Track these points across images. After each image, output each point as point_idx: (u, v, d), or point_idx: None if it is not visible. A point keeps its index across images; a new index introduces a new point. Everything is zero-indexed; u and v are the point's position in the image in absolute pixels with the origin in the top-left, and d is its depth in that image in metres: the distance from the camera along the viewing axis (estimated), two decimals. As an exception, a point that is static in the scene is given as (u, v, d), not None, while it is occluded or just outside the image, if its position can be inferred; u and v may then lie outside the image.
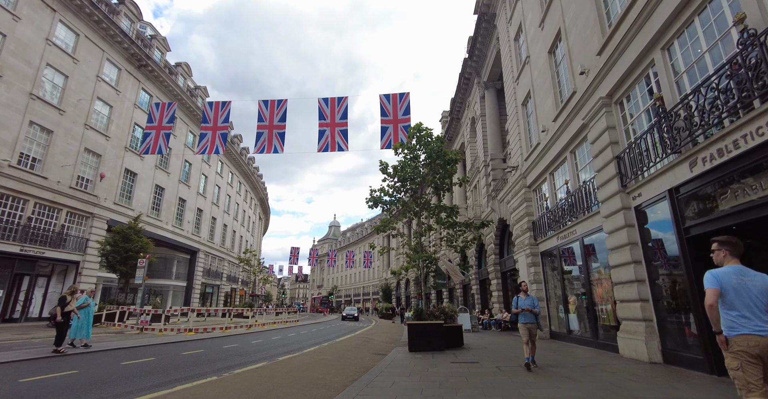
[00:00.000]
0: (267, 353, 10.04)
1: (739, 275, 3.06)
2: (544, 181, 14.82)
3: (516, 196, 17.01)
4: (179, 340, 12.17)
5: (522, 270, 16.37)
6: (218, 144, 19.86)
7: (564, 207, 12.47)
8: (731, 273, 3.08)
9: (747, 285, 3.01)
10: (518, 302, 7.74)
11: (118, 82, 24.66)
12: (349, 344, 12.60)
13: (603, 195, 9.43)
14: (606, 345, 10.15)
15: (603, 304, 10.79)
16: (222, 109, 20.19)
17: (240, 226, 47.77)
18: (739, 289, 3.01)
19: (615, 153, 8.95)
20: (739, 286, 3.02)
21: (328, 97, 18.99)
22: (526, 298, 7.74)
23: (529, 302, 7.61)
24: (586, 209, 11.18)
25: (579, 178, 11.95)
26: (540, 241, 15.04)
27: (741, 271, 3.09)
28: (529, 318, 7.51)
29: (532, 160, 15.26)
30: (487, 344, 12.35)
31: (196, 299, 34.66)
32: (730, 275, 3.07)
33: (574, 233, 11.87)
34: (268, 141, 19.25)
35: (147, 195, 27.44)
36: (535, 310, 7.54)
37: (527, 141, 16.31)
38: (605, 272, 10.62)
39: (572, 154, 12.23)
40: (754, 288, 3.00)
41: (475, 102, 26.50)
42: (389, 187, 12.44)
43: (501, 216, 20.12)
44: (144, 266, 17.80)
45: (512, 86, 17.89)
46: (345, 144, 18.67)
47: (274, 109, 19.51)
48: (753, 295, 2.98)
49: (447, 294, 37.25)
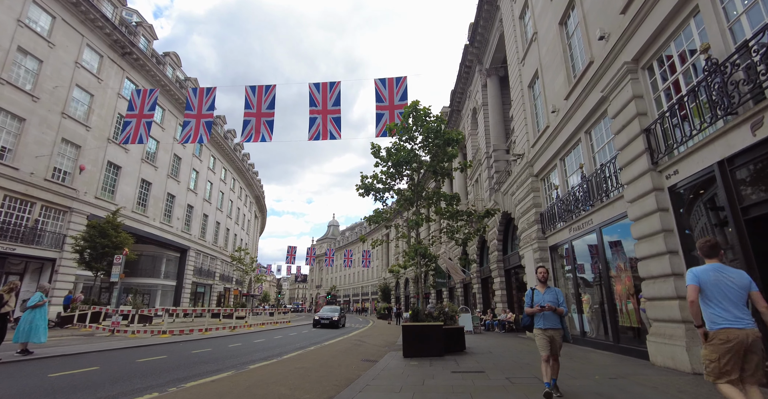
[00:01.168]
0: (240, 359, 8.73)
1: (717, 272, 3.25)
2: (553, 168, 13.51)
3: (522, 187, 15.69)
4: (146, 344, 10.86)
5: (528, 266, 15.05)
6: (202, 132, 18.62)
7: (578, 195, 11.16)
8: (710, 270, 3.28)
9: (725, 281, 3.20)
10: (534, 297, 5.15)
11: (99, 70, 23.35)
12: (338, 348, 11.29)
13: (627, 176, 8.11)
14: (628, 350, 8.83)
15: (624, 302, 9.49)
16: (207, 96, 18.94)
17: (234, 224, 46.45)
18: (718, 285, 3.20)
19: (643, 125, 7.64)
20: (719, 283, 3.20)
21: (319, 83, 17.70)
22: (546, 291, 5.13)
23: (551, 297, 5.03)
24: (604, 195, 9.87)
25: (595, 161, 10.63)
26: (549, 234, 13.73)
27: (720, 268, 3.28)
28: (552, 321, 4.95)
29: (539, 147, 13.95)
30: (491, 348, 11.05)
31: (186, 299, 33.35)
32: (709, 272, 3.26)
33: (590, 223, 10.56)
34: (255, 129, 18.01)
35: (132, 189, 26.12)
36: (560, 308, 4.98)
37: (534, 126, 15.00)
38: (626, 266, 9.33)
39: (587, 134, 10.91)
40: (732, 284, 3.18)
41: (477, 91, 25.19)
42: (383, 173, 11.13)
43: (505, 209, 18.80)
44: (120, 263, 16.50)
45: (517, 69, 16.58)
46: (338, 132, 17.41)
47: (262, 95, 18.26)
48: (732, 291, 3.17)
49: (447, 293, 35.91)
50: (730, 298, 3.17)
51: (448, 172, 11.09)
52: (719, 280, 3.22)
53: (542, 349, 4.91)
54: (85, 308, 16.47)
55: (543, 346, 4.90)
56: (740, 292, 3.18)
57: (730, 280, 3.21)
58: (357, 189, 10.95)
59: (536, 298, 5.14)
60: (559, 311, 4.99)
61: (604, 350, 9.86)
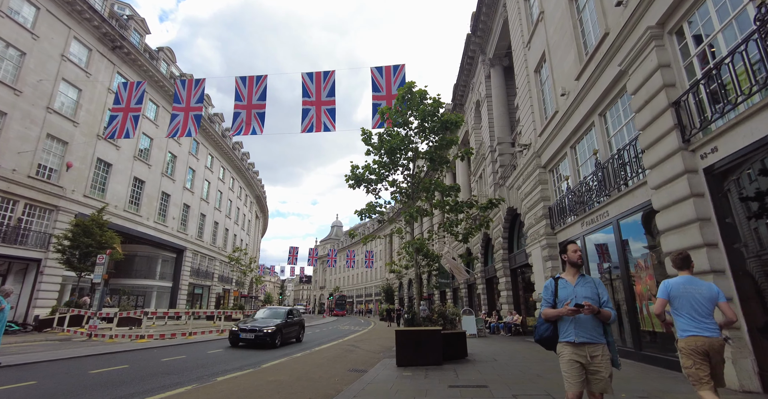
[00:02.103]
0: (210, 370, 7.74)
1: (688, 285, 3.47)
2: (563, 158, 12.42)
3: (529, 180, 14.61)
4: (112, 352, 9.91)
5: (536, 265, 13.96)
6: (191, 126, 17.78)
7: (591, 184, 10.06)
8: (681, 283, 3.50)
9: (694, 294, 3.41)
10: (559, 291, 3.23)
11: (88, 64, 22.55)
12: (327, 355, 10.27)
13: (652, 159, 7.02)
14: (653, 359, 7.74)
15: (645, 304, 8.40)
16: (195, 88, 18.08)
17: (234, 224, 45.62)
18: (687, 297, 3.41)
19: (671, 98, 6.55)
20: (687, 295, 3.41)
21: (312, 72, 16.79)
22: (579, 281, 3.20)
23: (588, 292, 3.10)
24: (622, 184, 8.78)
25: (611, 146, 9.54)
26: (558, 229, 12.64)
27: (690, 280, 3.52)
28: (591, 331, 3.01)
29: (547, 135, 12.87)
30: (496, 354, 9.97)
31: (182, 301, 32.50)
32: (680, 285, 3.48)
33: (606, 216, 9.46)
34: (246, 121, 17.15)
35: (124, 188, 25.30)
36: (605, 310, 3.01)
37: (541, 113, 13.91)
38: (647, 264, 8.24)
39: (601, 117, 9.82)
40: (700, 296, 3.39)
41: (480, 82, 24.11)
42: (375, 163, 10.10)
43: (510, 205, 17.71)
44: (104, 263, 15.60)
45: (522, 53, 15.50)
46: (332, 123, 16.49)
47: (253, 86, 17.37)
48: (699, 302, 3.37)
49: (451, 294, 34.79)
50: (698, 309, 3.35)
51: (447, 160, 10.05)
52: (688, 292, 3.41)
53: (570, 380, 2.95)
54: (65, 311, 15.58)
55: (572, 376, 2.95)
56: (708, 303, 3.36)
57: (699, 292, 3.40)
58: (346, 180, 9.94)
59: (563, 291, 3.18)
60: (604, 315, 2.99)
61: (623, 357, 8.75)
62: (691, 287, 3.43)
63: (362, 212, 10.17)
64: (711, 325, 3.31)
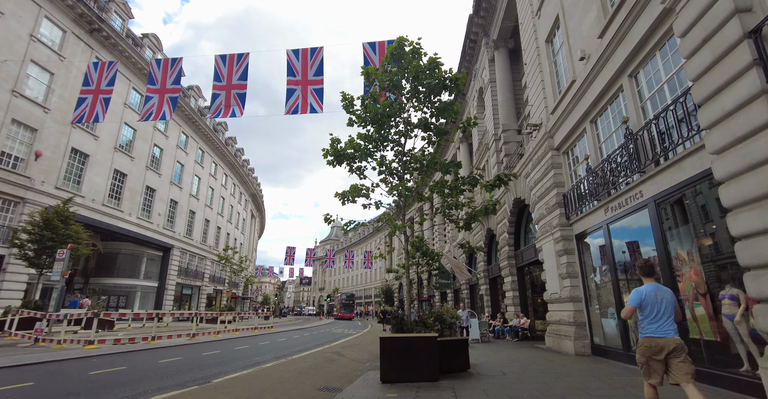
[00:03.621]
0: (143, 387, 6.09)
1: (657, 291, 3.89)
2: (580, 135, 10.73)
3: (539, 165, 12.91)
4: (45, 361, 8.25)
5: (548, 261, 12.26)
6: (166, 109, 16.27)
7: (619, 161, 8.36)
8: (652, 290, 3.90)
9: (660, 299, 3.82)
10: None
11: (62, 47, 21.00)
12: (300, 366, 8.59)
13: (714, 113, 5.33)
14: (714, 377, 6.02)
15: (691, 305, 6.72)
16: (171, 68, 16.55)
17: (227, 222, 44.01)
18: (655, 303, 3.82)
19: (747, 26, 4.86)
20: (656, 300, 3.82)
21: (299, 49, 15.26)
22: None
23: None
24: (661, 156, 7.09)
25: (644, 112, 7.85)
26: (574, 219, 10.94)
27: (658, 287, 3.94)
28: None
29: (561, 111, 11.19)
30: (504, 365, 8.27)
31: (169, 301, 30.87)
32: (653, 292, 3.89)
33: (639, 197, 7.76)
34: (225, 103, 15.60)
35: (103, 180, 23.70)
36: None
37: (554, 88, 12.23)
38: (693, 255, 6.56)
39: (632, 78, 8.13)
40: (665, 301, 3.81)
41: (483, 68, 22.45)
42: (360, 137, 8.43)
43: (517, 196, 16.01)
44: (64, 259, 13.98)
45: (531, 25, 13.83)
46: (319, 105, 14.91)
47: (233, 65, 15.83)
48: (663, 307, 3.81)
49: (452, 296, 33.05)
50: (661, 313, 3.79)
51: (446, 131, 8.37)
52: (657, 298, 3.84)
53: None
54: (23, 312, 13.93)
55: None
56: (672, 307, 3.85)
57: (664, 298, 3.83)
58: (324, 156, 8.28)
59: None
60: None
61: (664, 373, 7.04)
62: (661, 294, 3.84)
63: (344, 196, 8.49)
64: (670, 327, 3.72)
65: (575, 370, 7.63)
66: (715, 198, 5.59)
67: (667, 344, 3.66)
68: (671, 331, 3.73)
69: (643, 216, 7.76)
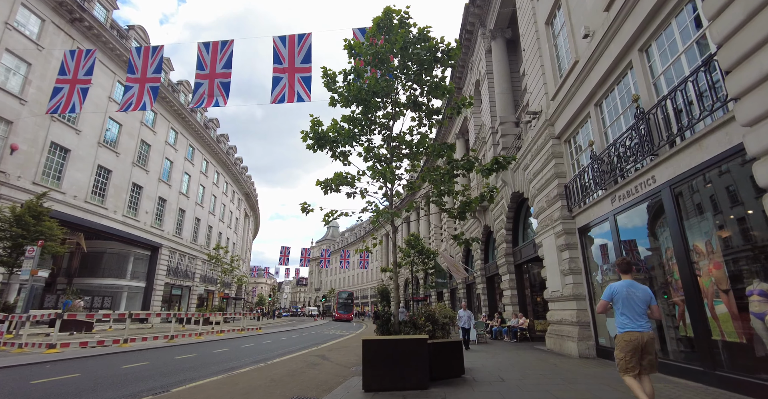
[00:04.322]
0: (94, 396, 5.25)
1: (628, 288, 4.07)
2: (583, 121, 9.99)
3: (539, 155, 12.17)
4: None
5: (549, 257, 11.51)
6: (146, 99, 15.49)
7: (628, 144, 7.60)
8: (623, 286, 4.10)
9: (632, 296, 4.02)
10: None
11: (40, 36, 20.09)
12: (277, 372, 7.78)
13: (747, 78, 4.57)
14: (737, 384, 5.27)
15: (710, 302, 5.98)
16: (152, 57, 15.75)
17: (218, 221, 43.06)
18: (627, 299, 4.02)
19: (788, -29, 4.11)
20: (628, 296, 4.02)
21: (285, 35, 14.49)
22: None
23: None
24: (678, 135, 6.34)
25: (657, 89, 7.10)
26: (577, 212, 10.19)
27: (630, 284, 4.11)
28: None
29: (563, 96, 10.44)
30: (503, 370, 7.50)
31: (157, 302, 29.94)
32: (623, 288, 4.08)
33: (651, 183, 7.01)
34: (208, 92, 14.82)
35: (85, 176, 22.76)
36: None
37: (554, 72, 11.49)
38: (713, 246, 5.83)
39: (643, 53, 7.39)
40: (637, 298, 4.01)
41: (480, 59, 21.73)
42: (345, 120, 7.63)
43: (515, 190, 15.26)
44: (34, 257, 13.13)
45: (530, 8, 13.09)
46: (307, 93, 14.18)
47: (217, 53, 15.06)
48: (635, 303, 4.00)
49: (449, 295, 32.30)
50: (634, 309, 3.99)
51: (438, 110, 7.58)
52: (630, 295, 4.02)
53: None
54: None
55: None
56: (642, 304, 4.00)
57: (636, 295, 4.02)
58: (303, 139, 7.46)
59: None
60: None
61: (681, 378, 6.29)
62: (632, 290, 4.05)
63: (327, 184, 7.68)
64: (644, 322, 3.96)
65: (581, 376, 6.87)
66: (749, 177, 4.84)
67: (642, 338, 3.89)
68: (646, 327, 3.95)
69: (656, 204, 7.01)
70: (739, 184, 5.36)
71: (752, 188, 4.91)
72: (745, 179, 5.16)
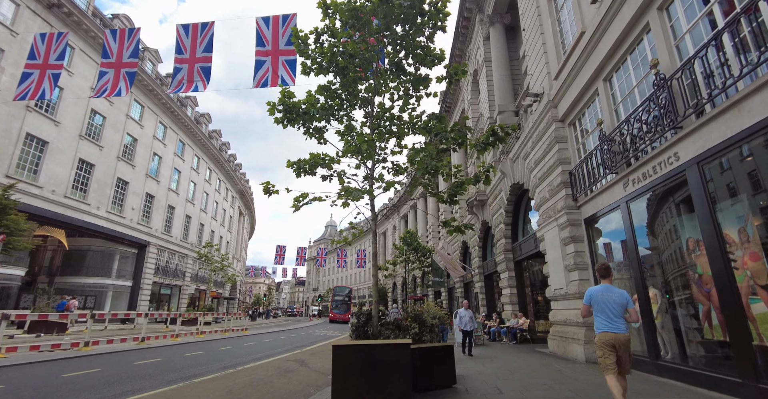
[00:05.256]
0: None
1: (605, 291, 4.26)
2: (591, 99, 9.00)
3: (541, 141, 11.17)
4: None
5: (552, 251, 10.51)
6: (122, 85, 14.59)
7: (645, 118, 6.60)
8: (600, 290, 4.30)
9: (608, 299, 4.20)
10: None
11: (14, 21, 19.07)
12: (242, 380, 6.79)
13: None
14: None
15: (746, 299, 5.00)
16: (128, 41, 14.78)
17: (212, 219, 42.03)
18: (604, 302, 4.21)
19: None
20: (604, 299, 4.22)
21: (269, 16, 13.57)
22: None
23: None
24: (709, 101, 5.35)
25: (682, 51, 6.10)
26: (583, 201, 9.20)
27: (607, 288, 4.30)
28: None
29: (567, 73, 9.46)
30: (501, 378, 6.50)
31: (145, 302, 28.89)
32: (600, 292, 4.28)
33: (672, 162, 6.01)
34: (188, 77, 13.91)
35: (65, 170, 21.73)
36: None
37: (558, 49, 10.50)
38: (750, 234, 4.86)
39: (662, 12, 6.39)
40: (613, 301, 4.18)
41: (478, 47, 20.73)
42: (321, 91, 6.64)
43: (514, 181, 14.27)
44: (-6, 251, 12.13)
45: (531, -17, 12.10)
46: (291, 77, 13.22)
47: (197, 35, 14.11)
48: (612, 307, 4.17)
49: (446, 295, 31.31)
50: (611, 311, 4.16)
51: (425, 78, 6.57)
52: (605, 298, 4.22)
53: None
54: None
55: None
56: (618, 307, 4.16)
57: (612, 299, 4.18)
58: (271, 112, 6.45)
59: None
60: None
61: (711, 389, 5.29)
62: (608, 294, 4.23)
63: (300, 166, 6.66)
64: (620, 324, 4.12)
65: (592, 386, 5.88)
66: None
67: (617, 339, 4.04)
68: (622, 328, 4.09)
69: (680, 185, 6.01)
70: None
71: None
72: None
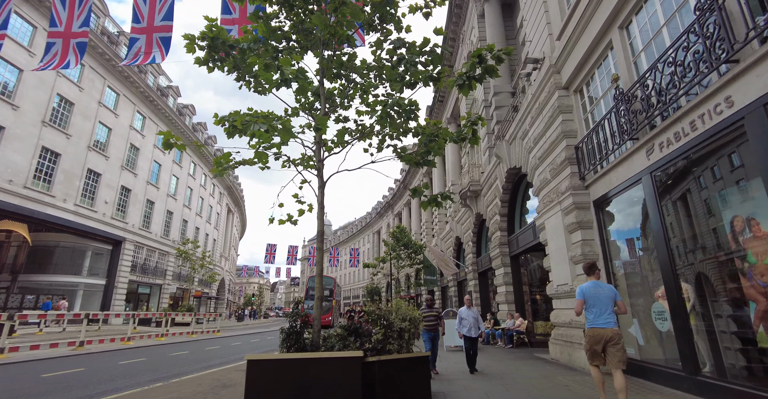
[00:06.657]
0: None
1: (595, 287, 4.50)
2: (601, 56, 7.47)
3: (542, 114, 9.64)
4: None
5: (554, 240, 8.97)
6: (71, 57, 13.10)
7: (681, 58, 5.06)
8: (590, 286, 4.54)
9: (599, 294, 4.43)
10: None
11: (-35, -6, 17.38)
12: None
13: None
14: None
15: None
16: (80, 7, 13.18)
17: (196, 215, 40.31)
18: (594, 297, 4.43)
19: None
20: (595, 295, 4.44)
21: (148, -8, 12.21)
22: None
23: None
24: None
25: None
26: (592, 179, 7.68)
27: (597, 284, 4.56)
28: None
29: (572, 29, 7.93)
30: (490, 397, 4.95)
31: (120, 301, 27.16)
32: (590, 288, 4.51)
33: (721, 110, 4.48)
34: (146, 47, 12.39)
35: (25, 159, 20.01)
36: None
37: (562, 5, 8.96)
38: None
39: None
40: (603, 296, 4.42)
41: (472, 27, 19.23)
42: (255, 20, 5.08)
43: (511, 165, 12.74)
44: None
45: (529, -64, 10.57)
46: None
47: (156, 3, 12.52)
48: (602, 301, 4.40)
49: (440, 294, 29.75)
50: (601, 306, 4.38)
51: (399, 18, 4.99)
52: (596, 293, 4.45)
53: None
54: None
55: None
56: (608, 301, 4.40)
57: (602, 293, 4.44)
58: (189, 48, 4.88)
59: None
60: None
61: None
62: (598, 289, 4.47)
63: (230, 123, 5.08)
64: (609, 318, 4.35)
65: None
66: None
67: (605, 334, 4.27)
68: (611, 323, 4.32)
69: (725, 145, 4.48)
70: None
71: None
72: None
